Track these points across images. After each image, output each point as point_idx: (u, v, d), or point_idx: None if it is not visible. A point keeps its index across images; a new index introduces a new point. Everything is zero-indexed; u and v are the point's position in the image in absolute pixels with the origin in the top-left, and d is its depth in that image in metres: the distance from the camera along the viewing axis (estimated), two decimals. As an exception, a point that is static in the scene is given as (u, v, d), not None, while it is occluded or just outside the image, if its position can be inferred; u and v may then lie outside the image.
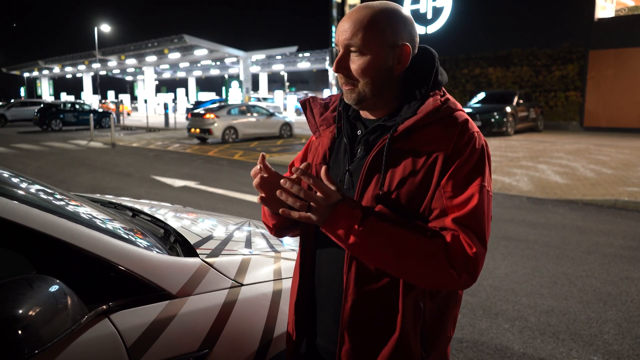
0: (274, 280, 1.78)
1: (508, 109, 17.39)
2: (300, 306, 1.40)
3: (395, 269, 1.18)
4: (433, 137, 1.20)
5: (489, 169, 1.23)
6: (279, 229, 1.45)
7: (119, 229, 1.72)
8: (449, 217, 1.16)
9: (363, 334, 1.25)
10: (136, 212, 2.33)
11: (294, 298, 1.42)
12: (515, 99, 18.01)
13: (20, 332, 1.09)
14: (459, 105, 1.27)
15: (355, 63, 1.22)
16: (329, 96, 1.45)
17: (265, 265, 1.85)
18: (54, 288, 1.20)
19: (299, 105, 40.17)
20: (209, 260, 1.69)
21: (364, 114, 1.33)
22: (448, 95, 1.28)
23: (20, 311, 1.10)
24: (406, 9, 1.26)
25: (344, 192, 1.22)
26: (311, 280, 1.39)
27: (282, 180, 1.18)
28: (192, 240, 1.92)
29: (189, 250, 1.80)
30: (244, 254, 1.89)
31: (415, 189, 1.19)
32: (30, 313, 1.12)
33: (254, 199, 7.99)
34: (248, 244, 2.15)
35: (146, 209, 2.50)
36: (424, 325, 1.24)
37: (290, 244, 2.29)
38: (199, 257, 1.71)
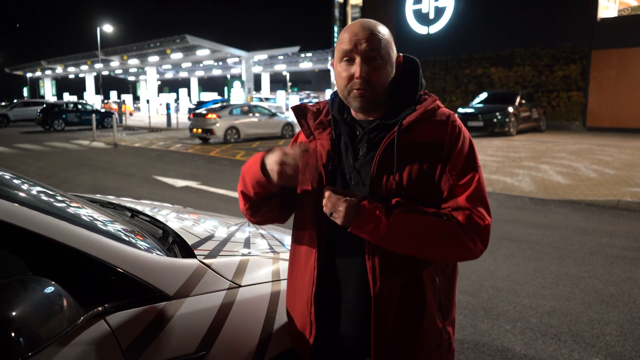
0: (272, 281, 1.76)
1: (510, 109, 17.35)
2: (319, 298, 1.45)
3: (420, 252, 1.35)
4: (430, 131, 1.37)
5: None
6: (257, 202, 1.51)
7: (117, 229, 1.71)
8: (459, 198, 1.35)
9: (394, 314, 1.37)
10: (135, 213, 2.32)
11: (307, 292, 1.46)
12: (518, 99, 17.97)
13: (13, 334, 1.08)
14: (441, 103, 1.47)
15: (378, 71, 1.36)
16: (316, 103, 1.57)
17: (263, 266, 1.84)
18: (48, 289, 1.19)
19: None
20: (206, 261, 1.68)
21: (358, 116, 1.45)
22: (434, 96, 1.46)
23: (14, 313, 1.09)
24: (408, 10, 1.35)
25: (360, 192, 1.34)
26: (324, 273, 1.45)
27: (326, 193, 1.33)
28: (190, 241, 1.91)
29: (187, 251, 1.79)
30: (242, 255, 1.88)
31: (422, 176, 1.35)
32: (24, 315, 1.11)
33: (256, 199, 7.98)
34: (247, 244, 2.13)
35: (146, 210, 2.49)
36: (440, 297, 1.42)
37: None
38: (196, 258, 1.69)
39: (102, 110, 28.80)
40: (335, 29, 31.33)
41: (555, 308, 3.85)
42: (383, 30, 1.38)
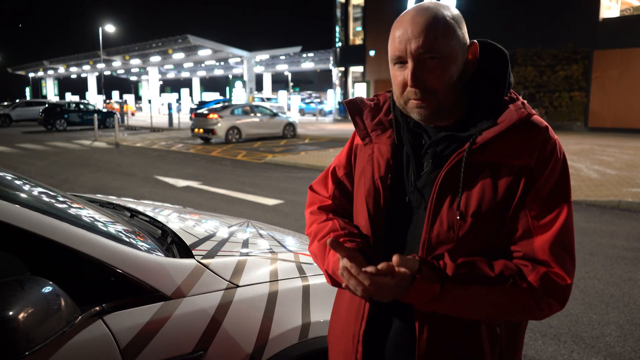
0: (270, 281, 1.77)
1: (512, 109, 17.32)
2: (369, 336, 1.22)
3: (480, 320, 1.12)
4: (514, 148, 1.08)
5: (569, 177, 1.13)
6: None
7: (115, 230, 1.72)
8: (536, 242, 1.07)
9: None
10: (134, 213, 2.33)
11: (354, 327, 1.23)
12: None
13: (9, 333, 1.08)
14: (532, 109, 1.13)
15: (437, 74, 1.07)
16: (375, 96, 1.31)
17: (261, 266, 1.84)
18: (46, 289, 1.19)
19: (302, 105, 40.50)
20: (204, 261, 1.68)
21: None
22: (521, 99, 1.14)
23: (10, 312, 1.10)
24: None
25: (415, 261, 1.02)
26: (376, 309, 1.22)
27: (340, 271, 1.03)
28: (189, 241, 1.91)
29: (185, 251, 1.79)
30: (240, 255, 1.88)
31: (496, 207, 1.07)
32: (21, 314, 1.11)
33: (256, 199, 8.00)
34: (245, 245, 2.14)
35: (146, 210, 2.49)
36: (501, 351, 1.16)
37: (291, 246, 2.28)
38: (194, 258, 1.70)
39: (104, 110, 28.83)
40: (337, 29, 31.31)
41: (555, 308, 3.85)
42: (444, 18, 1.07)
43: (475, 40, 1.14)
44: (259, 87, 55.51)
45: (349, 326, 1.25)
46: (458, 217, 1.08)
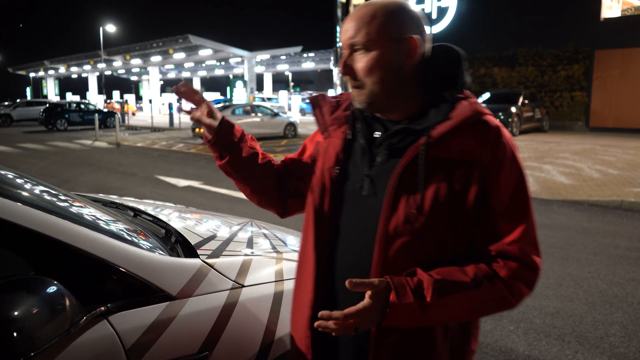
0: (275, 281, 1.76)
1: (513, 109, 17.30)
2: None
3: (461, 321, 1.20)
4: (467, 145, 1.11)
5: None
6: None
7: (119, 229, 1.71)
8: (505, 240, 1.13)
9: (395, 354, 1.16)
10: (137, 212, 2.32)
11: (306, 312, 1.25)
12: (521, 99, 17.93)
13: (15, 334, 1.07)
14: (487, 109, 1.18)
15: (361, 62, 1.14)
16: (340, 94, 1.36)
17: (266, 266, 1.83)
18: (50, 289, 1.18)
19: (303, 105, 40.48)
20: (209, 261, 1.67)
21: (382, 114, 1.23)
22: (475, 98, 1.20)
23: (16, 313, 1.08)
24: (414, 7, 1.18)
25: (383, 283, 1.07)
26: (325, 289, 1.25)
27: (317, 323, 1.09)
28: (193, 240, 1.90)
29: (190, 250, 1.78)
30: (245, 255, 1.87)
31: (452, 202, 1.11)
32: (26, 315, 1.10)
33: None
34: (250, 244, 2.13)
35: (148, 209, 2.48)
36: (454, 340, 1.20)
37: (295, 245, 2.27)
38: (199, 257, 1.69)
39: (105, 110, 28.83)
40: (338, 28, 31.30)
41: (558, 309, 3.84)
42: (377, 11, 1.13)
43: (412, 36, 1.14)
44: (260, 87, 55.51)
45: (303, 309, 1.27)
46: (414, 210, 1.11)
